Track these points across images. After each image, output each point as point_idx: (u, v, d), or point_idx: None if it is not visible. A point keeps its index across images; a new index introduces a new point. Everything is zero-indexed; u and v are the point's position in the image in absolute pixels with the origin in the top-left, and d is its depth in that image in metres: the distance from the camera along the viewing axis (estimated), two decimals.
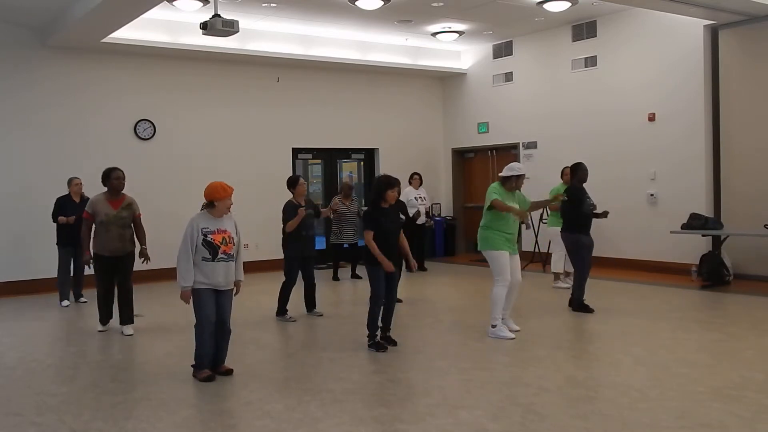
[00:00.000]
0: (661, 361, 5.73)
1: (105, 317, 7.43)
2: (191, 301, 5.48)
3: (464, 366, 5.83)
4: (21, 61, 10.17)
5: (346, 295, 9.78)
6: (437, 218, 13.91)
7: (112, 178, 7.18)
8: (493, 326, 6.70)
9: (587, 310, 7.83)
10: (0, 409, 4.91)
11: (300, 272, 7.95)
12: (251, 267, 10.69)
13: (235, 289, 5.69)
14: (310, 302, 8.12)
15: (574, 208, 7.85)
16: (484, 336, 6.78)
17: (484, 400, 4.81)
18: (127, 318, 7.32)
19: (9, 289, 9.82)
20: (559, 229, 8.46)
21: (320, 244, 11.58)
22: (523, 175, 6.86)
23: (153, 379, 5.61)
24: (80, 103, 10.63)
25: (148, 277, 10.34)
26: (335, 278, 10.93)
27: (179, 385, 5.42)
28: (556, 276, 9.65)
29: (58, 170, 9.97)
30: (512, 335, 6.67)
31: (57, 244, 9.04)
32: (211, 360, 5.59)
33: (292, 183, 7.98)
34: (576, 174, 8.00)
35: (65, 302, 9.08)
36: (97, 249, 7.21)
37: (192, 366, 5.61)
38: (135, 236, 7.37)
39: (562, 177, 9.62)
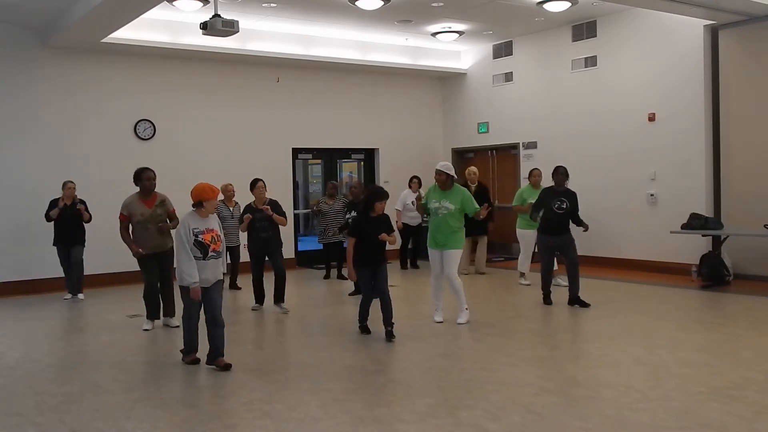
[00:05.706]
0: (661, 361, 5.72)
1: (152, 314, 7.49)
2: (180, 294, 5.78)
3: (464, 366, 5.84)
4: (21, 62, 10.15)
5: (344, 295, 9.75)
6: None
7: (144, 179, 7.37)
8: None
9: (548, 302, 8.31)
10: (0, 409, 4.90)
11: (272, 266, 8.33)
12: (246, 268, 10.69)
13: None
14: (278, 295, 8.36)
15: (544, 210, 8.32)
16: (484, 336, 6.80)
17: (484, 400, 4.80)
18: (171, 311, 7.56)
19: (9, 289, 9.81)
20: (524, 230, 9.61)
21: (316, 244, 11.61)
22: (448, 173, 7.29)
23: (153, 379, 5.63)
24: (80, 103, 10.61)
25: None
26: (326, 277, 11.10)
27: (179, 385, 5.42)
28: (521, 274, 9.92)
29: (58, 170, 9.97)
30: (439, 320, 7.38)
31: (53, 243, 9.37)
32: (196, 347, 5.91)
33: (250, 186, 8.51)
34: (554, 177, 8.38)
35: (66, 296, 9.43)
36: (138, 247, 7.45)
37: (180, 351, 5.95)
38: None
39: (529, 178, 9.87)
